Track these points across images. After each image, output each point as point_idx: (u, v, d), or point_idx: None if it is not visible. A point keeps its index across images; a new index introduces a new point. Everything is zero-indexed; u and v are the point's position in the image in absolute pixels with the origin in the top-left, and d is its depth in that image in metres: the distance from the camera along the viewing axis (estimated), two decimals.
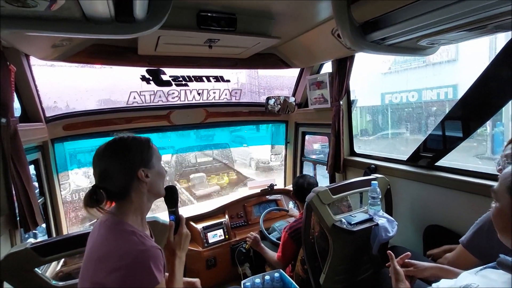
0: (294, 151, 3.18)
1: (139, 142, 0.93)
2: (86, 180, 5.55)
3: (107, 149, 0.89)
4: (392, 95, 7.82)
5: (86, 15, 0.88)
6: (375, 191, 1.70)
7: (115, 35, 0.98)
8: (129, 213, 0.90)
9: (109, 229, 0.86)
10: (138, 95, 2.42)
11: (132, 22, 0.96)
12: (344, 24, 1.17)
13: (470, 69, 5.86)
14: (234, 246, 2.51)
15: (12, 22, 0.82)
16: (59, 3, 0.72)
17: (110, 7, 0.83)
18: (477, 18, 0.90)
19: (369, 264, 1.85)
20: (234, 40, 1.80)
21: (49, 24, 0.88)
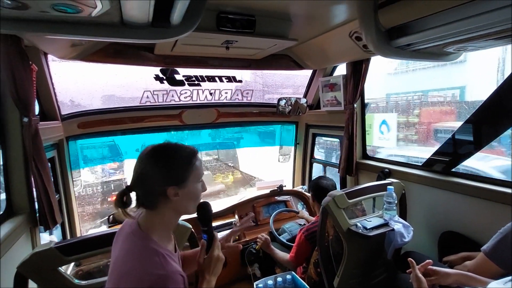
0: (304, 152, 3.18)
1: (182, 156, 0.89)
2: (92, 176, 5.61)
3: (150, 155, 0.87)
4: (397, 96, 7.78)
5: (124, 20, 0.89)
6: (391, 196, 1.69)
7: (150, 40, 0.98)
8: (155, 226, 0.88)
9: (134, 244, 0.84)
10: (151, 94, 2.42)
11: (167, 27, 0.96)
12: (369, 29, 1.16)
13: (479, 71, 5.82)
14: (244, 246, 2.52)
15: (54, 27, 0.83)
16: (103, 9, 0.72)
17: (150, 12, 0.83)
18: (508, 27, 0.89)
19: (382, 268, 1.85)
20: (252, 42, 1.80)
21: (87, 29, 0.88)
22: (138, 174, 0.86)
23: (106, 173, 6.01)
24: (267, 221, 2.77)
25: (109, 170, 6.19)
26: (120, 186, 5.85)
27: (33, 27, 0.81)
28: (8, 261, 1.23)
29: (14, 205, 1.41)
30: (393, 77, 7.74)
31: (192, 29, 1.02)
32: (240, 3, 1.51)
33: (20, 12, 0.72)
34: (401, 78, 7.81)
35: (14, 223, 1.31)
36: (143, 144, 7.91)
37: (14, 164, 1.38)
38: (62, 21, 0.83)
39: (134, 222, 0.90)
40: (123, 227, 0.97)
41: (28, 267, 1.09)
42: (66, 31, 0.87)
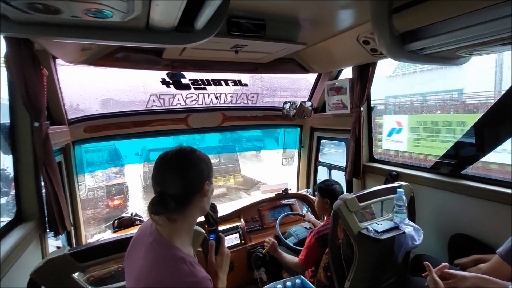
0: (309, 155, 3.18)
1: (204, 155, 0.94)
2: (92, 180, 5.58)
3: (178, 157, 0.88)
4: (396, 98, 7.84)
5: (149, 25, 0.89)
6: (401, 199, 1.69)
7: (173, 44, 0.98)
8: (178, 232, 0.87)
9: (160, 254, 0.83)
10: (157, 98, 2.42)
11: (190, 32, 0.96)
12: (383, 33, 1.17)
13: (476, 73, 5.88)
14: (251, 250, 2.50)
15: (81, 32, 0.82)
16: (134, 14, 0.72)
17: (177, 17, 0.83)
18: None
19: (392, 272, 1.84)
20: (261, 46, 1.80)
21: (113, 34, 0.88)
22: (171, 177, 0.86)
23: (106, 177, 5.99)
24: (272, 225, 2.77)
25: (109, 174, 6.16)
26: (121, 189, 5.83)
27: (61, 32, 0.82)
28: (19, 268, 1.21)
29: (24, 211, 1.39)
30: (392, 80, 7.80)
31: (213, 34, 1.02)
32: (251, 7, 1.51)
33: (49, 17, 0.72)
34: (400, 81, 7.87)
35: (24, 230, 1.29)
36: (143, 148, 7.89)
37: (24, 169, 1.37)
38: (87, 26, 0.83)
39: (153, 230, 0.88)
40: (140, 235, 0.95)
41: (41, 274, 1.07)
42: (92, 36, 0.87)
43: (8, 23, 0.83)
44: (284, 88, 5.88)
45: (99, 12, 0.70)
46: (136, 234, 0.99)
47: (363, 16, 1.60)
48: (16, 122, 1.36)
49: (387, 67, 7.70)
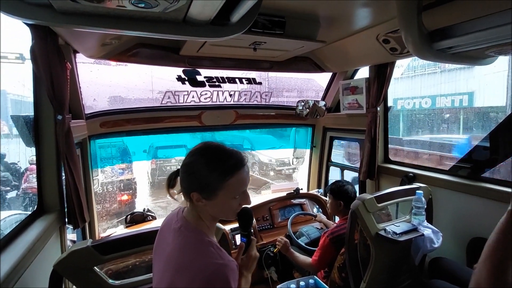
0: (321, 155, 3.16)
1: (217, 167, 0.86)
2: (101, 175, 5.64)
3: (195, 152, 0.87)
4: (404, 100, 7.76)
5: (186, 18, 0.88)
6: (420, 201, 1.67)
7: (207, 37, 0.98)
8: (202, 219, 0.89)
9: (188, 238, 0.85)
10: (172, 95, 2.43)
11: (225, 25, 0.96)
12: (411, 31, 1.15)
13: (487, 77, 5.79)
14: (261, 249, 2.49)
15: (120, 23, 0.82)
16: (178, 4, 0.72)
17: (217, 10, 0.82)
18: None
19: (407, 274, 1.82)
20: (280, 43, 1.79)
21: (149, 26, 0.88)
22: (187, 170, 0.87)
23: (115, 172, 6.04)
24: (282, 224, 2.75)
25: (118, 170, 6.21)
26: (129, 185, 5.88)
27: (103, 23, 0.82)
28: (41, 260, 1.22)
29: (46, 203, 1.40)
30: (401, 82, 7.72)
31: (246, 28, 1.02)
32: (272, 4, 1.50)
33: (92, 7, 0.72)
34: (409, 83, 7.79)
35: (46, 221, 1.30)
36: (151, 145, 7.92)
37: (47, 162, 1.38)
38: (129, 16, 0.83)
39: (180, 217, 0.91)
40: (167, 224, 0.98)
41: (64, 266, 1.08)
42: (132, 27, 0.87)
43: (51, 13, 0.83)
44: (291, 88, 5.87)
45: (145, 2, 0.70)
46: (163, 223, 1.02)
47: (384, 14, 1.58)
48: (40, 115, 1.37)
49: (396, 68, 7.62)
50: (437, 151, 5.00)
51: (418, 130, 7.21)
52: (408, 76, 7.69)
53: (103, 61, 2.24)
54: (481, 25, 1.05)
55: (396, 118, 7.21)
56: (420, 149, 5.32)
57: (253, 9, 0.91)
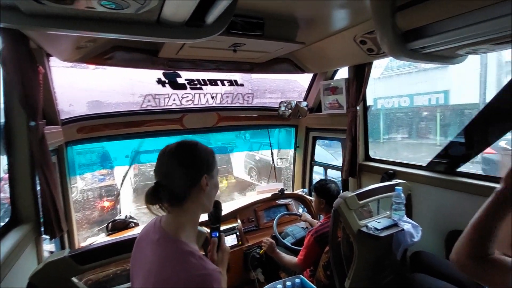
0: (304, 155, 3.20)
1: (206, 148, 0.92)
2: (81, 182, 5.44)
3: (177, 149, 0.87)
4: (384, 100, 7.99)
5: (160, 19, 0.87)
6: (400, 197, 1.72)
7: (183, 39, 0.96)
8: (183, 227, 0.86)
9: (168, 249, 0.82)
10: (153, 98, 2.39)
11: (200, 27, 0.95)
12: (386, 31, 1.19)
13: (461, 75, 6.07)
14: (247, 251, 2.49)
15: (90, 25, 0.79)
16: (150, 5, 0.70)
17: (191, 11, 0.81)
18: None
19: (390, 269, 1.86)
20: (259, 45, 1.80)
21: (122, 28, 0.85)
22: (169, 169, 0.85)
23: (95, 179, 5.85)
24: (268, 225, 2.76)
25: (98, 176, 6.02)
26: (111, 191, 5.70)
27: (73, 25, 0.78)
28: (16, 273, 1.16)
29: (20, 214, 1.34)
30: (380, 82, 7.95)
31: (222, 29, 1.01)
32: (249, 6, 1.51)
33: (61, 8, 0.69)
34: (387, 83, 8.03)
35: (21, 232, 1.24)
36: (133, 150, 7.76)
37: (20, 170, 1.32)
38: (99, 18, 0.81)
39: (158, 228, 0.88)
40: (144, 235, 0.94)
41: (41, 277, 1.03)
42: (103, 29, 0.84)
43: (18, 15, 0.79)
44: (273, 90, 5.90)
45: (115, 3, 0.68)
46: (140, 234, 0.98)
47: (360, 16, 1.63)
48: (12, 121, 1.30)
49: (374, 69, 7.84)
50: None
51: (398, 128, 7.44)
52: (387, 76, 7.92)
53: (80, 65, 2.17)
54: (451, 26, 1.10)
55: (377, 116, 7.43)
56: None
57: (228, 11, 0.91)
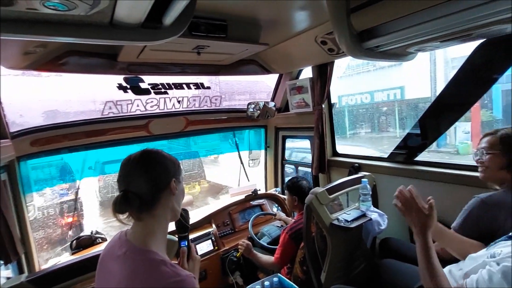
0: (275, 155, 3.24)
1: (169, 155, 0.93)
2: (40, 199, 5.02)
3: (143, 156, 0.87)
4: (348, 97, 8.39)
5: (113, 21, 0.81)
6: (366, 188, 1.80)
7: (140, 42, 0.91)
8: (152, 236, 0.84)
9: (135, 262, 0.78)
10: (114, 105, 2.26)
11: (158, 28, 0.91)
12: (342, 32, 1.24)
13: (413, 72, 6.57)
14: (224, 255, 2.46)
15: (35, 28, 0.72)
16: (100, 6, 0.65)
17: (146, 12, 0.77)
18: (467, 27, 1.03)
19: (362, 258, 1.95)
20: (223, 47, 1.79)
21: (72, 30, 0.79)
22: (137, 175, 0.84)
23: (56, 194, 5.43)
24: (243, 227, 2.75)
25: (59, 191, 5.60)
26: (75, 206, 5.32)
27: (13, 28, 0.70)
28: None
29: None
30: (343, 80, 8.32)
31: (182, 31, 0.98)
32: (211, 8, 1.50)
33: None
34: (349, 81, 8.44)
35: None
36: (97, 161, 7.34)
37: None
38: (44, 21, 0.73)
39: (124, 241, 0.84)
40: (109, 251, 0.89)
41: None
42: (50, 33, 0.76)
43: None
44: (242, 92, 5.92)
45: (61, 4, 0.63)
46: (104, 251, 0.92)
47: (320, 17, 1.68)
48: None
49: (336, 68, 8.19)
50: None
51: (361, 123, 7.83)
52: (349, 74, 8.30)
53: (32, 72, 2.00)
54: (400, 25, 1.18)
55: (342, 113, 7.75)
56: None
57: (187, 12, 0.89)
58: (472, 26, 1.01)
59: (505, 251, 0.85)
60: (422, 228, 1.05)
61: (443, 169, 1.81)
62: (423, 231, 1.05)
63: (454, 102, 1.74)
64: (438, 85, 5.52)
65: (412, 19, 1.09)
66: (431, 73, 5.86)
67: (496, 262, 0.85)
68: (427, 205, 1.10)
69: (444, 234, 1.26)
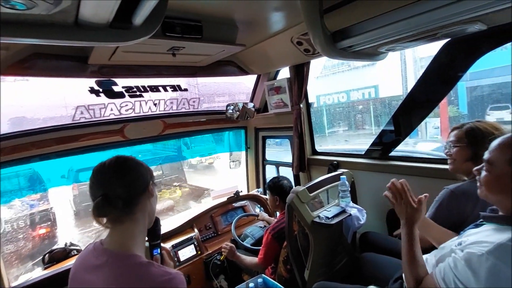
0: (256, 155, 3.24)
1: (143, 162, 0.94)
2: (9, 212, 4.72)
3: (118, 161, 0.87)
4: (325, 96, 8.61)
5: (78, 21, 0.77)
6: (345, 185, 1.85)
7: (109, 42, 0.87)
8: (134, 239, 0.83)
9: (119, 269, 0.76)
10: (86, 110, 2.17)
11: (128, 29, 0.87)
12: (317, 33, 1.26)
13: (386, 72, 6.86)
14: (207, 260, 2.43)
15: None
16: (62, 5, 0.61)
17: (113, 11, 0.73)
18: (432, 27, 1.08)
19: (343, 253, 1.99)
20: (199, 48, 1.77)
21: (33, 31, 0.73)
22: (115, 179, 0.83)
23: (26, 205, 5.12)
24: (226, 230, 2.73)
25: (29, 202, 5.29)
26: (46, 217, 5.04)
27: None
28: None
29: None
30: (320, 80, 8.52)
31: (153, 31, 0.95)
32: (185, 8, 1.47)
33: None
34: (326, 81, 8.65)
35: None
36: (71, 169, 7.01)
37: None
38: (2, 21, 0.68)
39: (101, 251, 0.82)
40: (82, 264, 0.86)
41: None
42: (8, 33, 0.71)
43: None
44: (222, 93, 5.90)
45: (19, 3, 0.59)
46: (75, 265, 0.88)
47: (295, 18, 1.70)
48: None
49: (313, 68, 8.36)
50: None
51: (339, 121, 8.04)
52: (325, 74, 8.51)
53: None
54: (371, 26, 1.22)
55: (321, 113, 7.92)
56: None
57: (158, 11, 0.87)
58: (437, 26, 1.07)
59: (471, 239, 0.90)
60: (408, 220, 1.12)
61: (416, 163, 1.89)
62: (409, 223, 1.11)
63: (423, 99, 1.84)
64: (409, 84, 5.78)
65: (381, 20, 1.13)
66: (402, 72, 6.13)
67: (460, 249, 0.89)
68: (417, 200, 1.17)
69: (430, 227, 1.32)
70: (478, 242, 0.85)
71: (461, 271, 0.84)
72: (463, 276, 0.83)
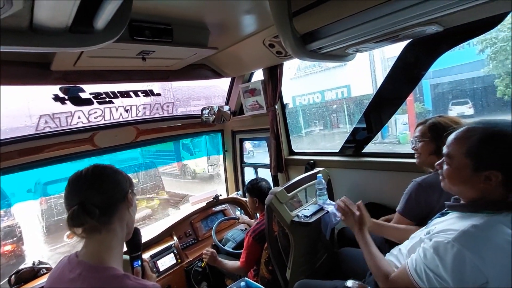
0: (234, 158, 3.23)
1: (121, 170, 0.92)
2: None
3: (95, 170, 0.85)
4: (301, 97, 8.78)
5: (33, 25, 0.71)
6: (321, 183, 1.89)
7: (67, 47, 0.82)
8: (111, 251, 0.80)
9: (95, 280, 0.73)
10: (51, 119, 2.05)
11: (90, 33, 0.82)
12: (287, 35, 1.29)
13: (357, 71, 7.14)
14: (188, 267, 2.37)
15: None
16: (13, 9, 0.56)
17: (72, 14, 0.69)
18: (394, 29, 1.14)
19: (323, 250, 2.03)
20: (170, 51, 1.73)
21: None
22: (92, 188, 0.81)
23: None
24: (207, 235, 2.69)
25: None
26: (11, 232, 4.68)
27: None
28: None
29: None
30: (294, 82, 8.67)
31: (118, 35, 0.91)
32: (153, 11, 1.43)
33: None
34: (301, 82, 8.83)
35: None
36: (38, 182, 6.57)
37: None
38: None
39: (76, 263, 0.78)
40: (56, 278, 0.82)
41: None
42: None
43: None
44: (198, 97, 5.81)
45: None
46: (50, 279, 0.84)
47: (265, 21, 1.72)
48: None
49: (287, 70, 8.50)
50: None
51: (315, 121, 8.23)
52: (299, 76, 8.67)
53: None
54: (337, 28, 1.27)
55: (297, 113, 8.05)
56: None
57: (122, 14, 0.84)
58: (398, 28, 1.13)
59: (438, 228, 0.95)
60: (358, 227, 1.31)
61: (387, 159, 1.98)
62: (359, 228, 1.30)
63: (390, 97, 1.93)
64: (378, 83, 6.04)
65: (347, 22, 1.18)
66: (371, 72, 6.40)
67: (429, 238, 0.94)
68: (356, 206, 1.38)
69: (383, 227, 1.46)
70: (444, 231, 0.90)
71: (430, 259, 0.88)
72: (432, 264, 0.87)
